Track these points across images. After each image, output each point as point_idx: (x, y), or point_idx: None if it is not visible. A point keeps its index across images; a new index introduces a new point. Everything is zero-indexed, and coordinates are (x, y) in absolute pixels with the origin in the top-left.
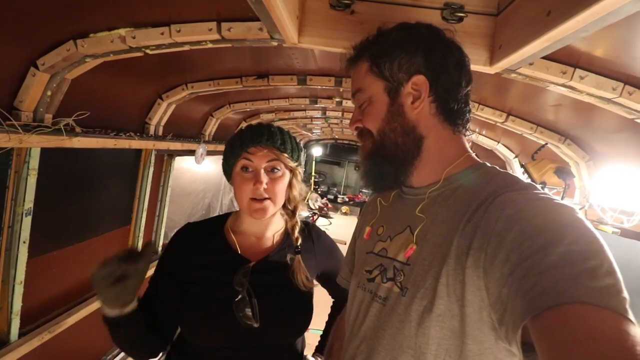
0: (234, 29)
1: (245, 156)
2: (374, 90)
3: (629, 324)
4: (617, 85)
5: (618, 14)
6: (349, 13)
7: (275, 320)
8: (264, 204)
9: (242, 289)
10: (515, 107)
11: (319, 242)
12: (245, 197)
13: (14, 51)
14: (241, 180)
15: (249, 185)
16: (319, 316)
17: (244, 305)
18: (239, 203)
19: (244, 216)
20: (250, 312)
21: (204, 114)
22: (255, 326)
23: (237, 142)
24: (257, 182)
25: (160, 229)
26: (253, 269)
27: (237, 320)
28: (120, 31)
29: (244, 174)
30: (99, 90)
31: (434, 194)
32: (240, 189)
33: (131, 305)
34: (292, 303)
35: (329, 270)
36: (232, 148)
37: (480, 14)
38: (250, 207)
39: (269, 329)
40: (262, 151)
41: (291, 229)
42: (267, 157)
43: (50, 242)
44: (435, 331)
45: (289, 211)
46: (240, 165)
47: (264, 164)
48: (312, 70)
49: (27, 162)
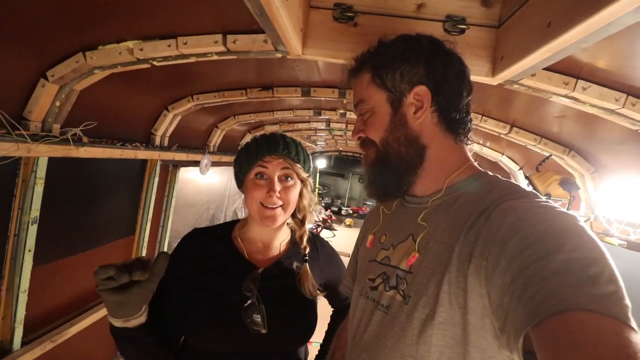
0: (239, 41)
1: (261, 164)
2: (376, 101)
3: (630, 331)
4: (620, 96)
5: (617, 25)
6: (352, 25)
7: (282, 327)
8: (275, 211)
9: (252, 294)
10: (519, 118)
11: (323, 251)
12: (257, 204)
13: (24, 62)
14: (254, 186)
15: (262, 192)
16: (319, 329)
17: (253, 311)
18: (249, 209)
19: (252, 223)
20: (259, 318)
21: (209, 125)
22: (264, 332)
23: (252, 150)
24: (270, 190)
25: (164, 240)
26: (261, 275)
27: (244, 326)
28: (128, 43)
29: (258, 181)
30: (106, 102)
31: (436, 203)
32: (253, 195)
33: (137, 320)
34: (298, 310)
35: (331, 280)
36: (247, 155)
37: (481, 25)
38: (261, 214)
39: (276, 335)
40: (277, 160)
41: (299, 238)
42: (281, 165)
43: (55, 250)
44: (437, 339)
45: (298, 220)
46: (254, 172)
47: (278, 172)
48: (316, 82)
49: (35, 172)
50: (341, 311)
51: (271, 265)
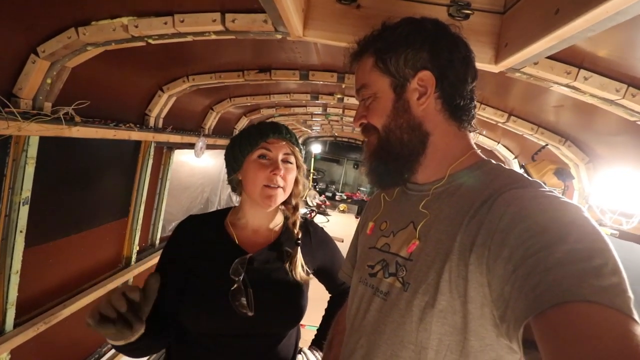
0: (238, 20)
1: (264, 145)
2: (379, 86)
3: (633, 323)
4: (621, 87)
5: (627, 13)
6: (355, 7)
7: (269, 310)
8: (277, 191)
9: (238, 278)
10: (517, 107)
11: (316, 237)
12: (260, 184)
13: (14, 37)
14: (258, 166)
15: (265, 172)
16: (314, 312)
17: (240, 294)
18: (250, 189)
19: (246, 208)
20: (245, 301)
21: (204, 107)
22: (250, 315)
23: (255, 132)
24: (275, 168)
25: (158, 222)
26: (250, 260)
27: (232, 309)
28: (122, 20)
29: (262, 161)
30: (100, 80)
31: (438, 191)
32: (257, 175)
33: (138, 334)
34: (287, 294)
35: (325, 265)
36: (249, 137)
37: (486, 11)
38: (263, 193)
39: (264, 318)
40: (280, 142)
41: (292, 224)
42: (284, 148)
43: (47, 232)
44: (437, 327)
45: (291, 207)
46: (258, 153)
47: (281, 155)
48: (315, 66)
49: (26, 151)
50: (338, 296)
51: (261, 250)
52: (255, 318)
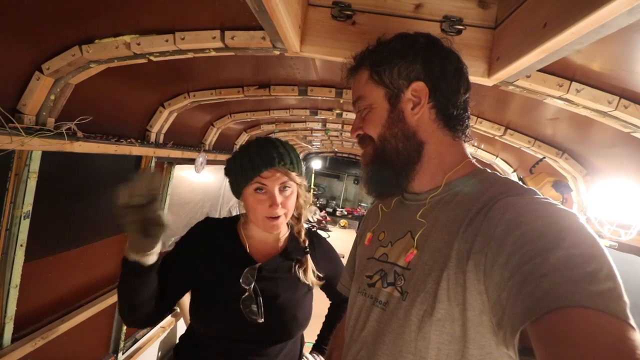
0: (237, 37)
1: (258, 180)
2: (374, 97)
3: (628, 328)
4: (613, 99)
5: (611, 27)
6: (350, 24)
7: (278, 317)
8: (278, 220)
9: (249, 287)
10: (513, 120)
11: (320, 247)
12: (261, 216)
13: (20, 55)
14: (256, 201)
15: (264, 206)
16: (313, 328)
17: (250, 302)
18: (253, 220)
19: (253, 225)
20: (255, 308)
21: (205, 123)
22: (260, 321)
23: (247, 166)
24: (273, 204)
25: None
26: (259, 269)
27: (242, 314)
28: (125, 37)
29: (258, 195)
30: (102, 96)
31: (434, 199)
32: (255, 209)
33: (151, 258)
34: (294, 302)
35: (329, 275)
36: (242, 171)
37: (478, 26)
38: (265, 225)
39: (272, 325)
40: (274, 174)
41: (298, 233)
42: (280, 179)
43: (47, 246)
44: (436, 336)
45: (295, 217)
46: (253, 187)
47: (278, 186)
48: (313, 81)
49: (28, 165)
50: (339, 304)
51: (270, 259)
52: (264, 324)
